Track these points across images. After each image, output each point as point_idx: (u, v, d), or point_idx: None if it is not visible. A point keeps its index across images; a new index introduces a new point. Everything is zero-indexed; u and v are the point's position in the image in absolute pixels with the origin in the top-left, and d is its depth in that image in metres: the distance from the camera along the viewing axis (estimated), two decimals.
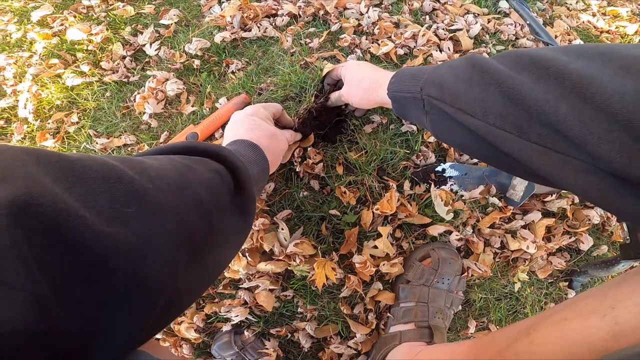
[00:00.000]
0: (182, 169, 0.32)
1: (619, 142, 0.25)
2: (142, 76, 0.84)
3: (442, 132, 0.44)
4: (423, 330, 0.62)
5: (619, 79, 0.26)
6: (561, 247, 0.74)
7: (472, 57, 0.38)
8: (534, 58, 0.32)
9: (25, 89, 0.86)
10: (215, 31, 0.84)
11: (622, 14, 1.10)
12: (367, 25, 0.85)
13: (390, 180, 0.70)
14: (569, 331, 0.32)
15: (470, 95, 0.36)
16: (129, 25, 0.90)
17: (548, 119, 0.29)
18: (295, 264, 0.65)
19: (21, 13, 1.01)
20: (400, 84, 0.48)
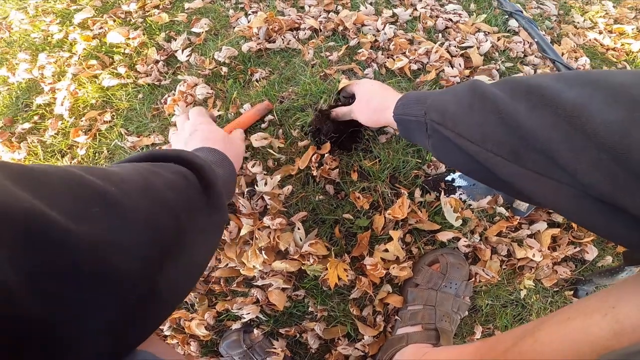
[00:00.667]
0: (145, 173, 0.33)
1: (606, 170, 0.27)
2: (173, 80, 0.89)
3: (443, 155, 0.46)
4: (430, 332, 0.63)
5: (608, 108, 0.27)
6: (566, 257, 0.76)
7: (474, 83, 0.40)
8: (531, 86, 0.33)
9: (64, 87, 0.90)
10: (242, 41, 0.89)
11: (627, 31, 1.13)
12: (383, 41, 0.90)
13: (402, 187, 0.74)
14: (572, 329, 0.33)
15: (470, 121, 0.38)
16: (163, 31, 0.96)
17: (542, 147, 0.31)
18: (308, 263, 0.68)
19: (63, 15, 1.07)
20: (405, 108, 0.50)
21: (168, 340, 0.70)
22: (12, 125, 0.92)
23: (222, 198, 0.42)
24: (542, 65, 0.96)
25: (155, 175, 0.34)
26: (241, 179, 0.72)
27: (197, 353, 0.69)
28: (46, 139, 0.88)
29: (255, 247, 0.67)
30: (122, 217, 0.26)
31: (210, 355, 0.70)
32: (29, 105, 0.94)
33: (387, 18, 0.96)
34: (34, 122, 0.91)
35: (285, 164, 0.74)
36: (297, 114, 0.77)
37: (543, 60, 0.96)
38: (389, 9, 1.00)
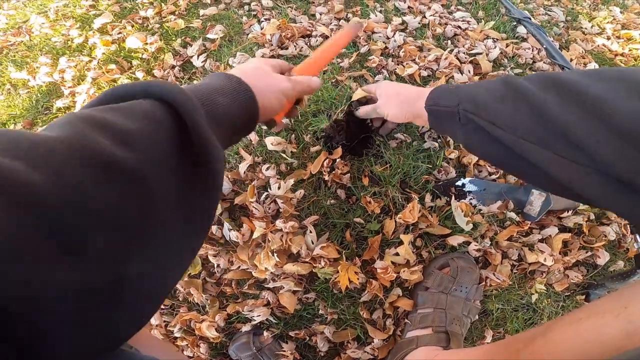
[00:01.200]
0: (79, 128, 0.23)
1: (628, 155, 0.29)
2: None
3: (474, 145, 0.48)
4: (440, 335, 0.63)
5: (629, 100, 0.30)
6: (578, 261, 0.76)
7: (506, 77, 0.43)
8: (560, 80, 0.36)
9: (84, 90, 0.93)
10: (255, 47, 0.92)
11: (635, 36, 1.13)
12: (393, 48, 0.91)
13: (413, 192, 0.75)
14: (584, 330, 0.34)
15: (502, 110, 0.40)
16: (179, 37, 0.99)
17: (570, 136, 0.33)
18: (320, 266, 0.69)
19: (83, 19, 1.11)
20: (437, 99, 0.52)
21: (178, 342, 0.71)
22: (32, 127, 0.95)
23: (207, 141, 0.29)
24: (551, 71, 0.96)
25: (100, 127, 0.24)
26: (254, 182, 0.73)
27: (206, 355, 0.70)
28: None
29: (268, 250, 0.69)
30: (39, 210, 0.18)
31: (220, 357, 0.71)
32: (49, 109, 0.97)
33: (397, 25, 0.98)
34: None
35: (298, 169, 0.76)
36: (310, 119, 0.79)
37: (552, 67, 0.96)
38: (399, 16, 1.01)
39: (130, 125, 0.25)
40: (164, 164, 0.26)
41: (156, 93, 0.29)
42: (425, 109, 0.54)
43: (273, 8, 1.04)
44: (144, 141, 0.25)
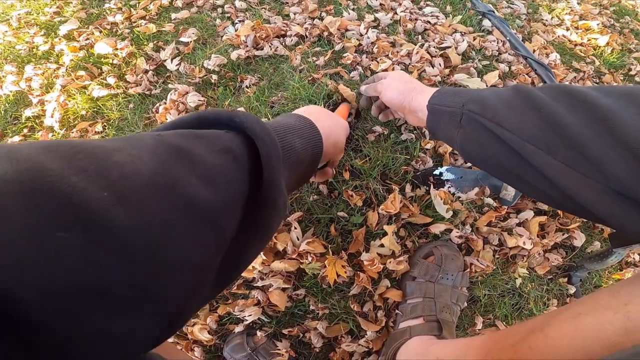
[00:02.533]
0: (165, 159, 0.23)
1: (630, 168, 0.30)
2: (164, 89, 0.90)
3: (472, 147, 0.47)
4: (432, 324, 0.64)
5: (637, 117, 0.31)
6: (557, 244, 0.79)
7: (518, 86, 0.43)
8: (572, 91, 0.37)
9: (53, 98, 0.91)
10: (230, 49, 0.91)
11: (593, 26, 1.20)
12: (367, 44, 0.93)
13: (393, 183, 0.76)
14: (583, 325, 0.34)
15: (510, 114, 0.40)
16: (151, 41, 0.97)
17: (575, 143, 0.34)
18: (307, 262, 0.69)
19: (47, 26, 1.08)
20: (441, 98, 0.51)
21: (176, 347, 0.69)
22: (2, 138, 0.91)
23: (276, 188, 0.30)
24: (516, 62, 1.00)
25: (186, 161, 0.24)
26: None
27: (201, 358, 0.69)
28: None
29: None
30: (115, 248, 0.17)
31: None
32: (18, 118, 0.94)
33: (370, 22, 1.00)
34: (24, 135, 0.91)
35: None
36: None
37: (517, 58, 1.00)
38: (371, 13, 1.03)
39: (213, 161, 0.26)
40: (236, 204, 0.27)
41: (239, 125, 0.30)
42: (426, 107, 0.53)
43: (247, 10, 1.04)
44: (224, 180, 0.26)
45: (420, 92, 0.56)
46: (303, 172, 0.39)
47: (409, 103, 0.58)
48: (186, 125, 0.30)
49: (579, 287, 0.79)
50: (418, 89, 0.58)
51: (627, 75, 1.16)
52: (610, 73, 1.12)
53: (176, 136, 0.26)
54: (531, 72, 0.97)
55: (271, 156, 0.29)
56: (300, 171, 0.38)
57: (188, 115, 0.31)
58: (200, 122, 0.30)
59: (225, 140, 0.28)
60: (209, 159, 0.25)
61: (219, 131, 0.29)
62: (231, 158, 0.27)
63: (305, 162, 0.38)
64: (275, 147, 0.30)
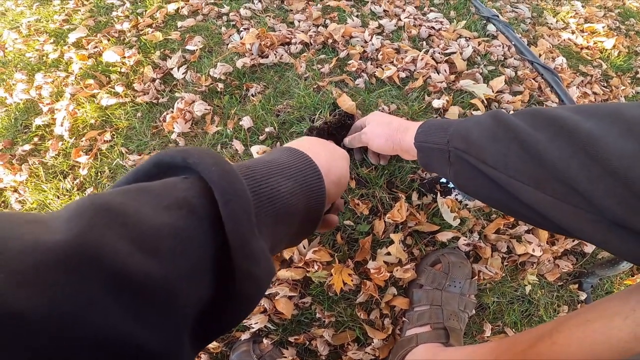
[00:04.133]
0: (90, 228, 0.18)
1: (620, 197, 0.29)
2: (170, 98, 0.90)
3: (465, 184, 0.47)
4: (439, 331, 0.64)
5: (622, 139, 0.30)
6: (567, 250, 0.78)
7: (496, 113, 0.42)
8: (551, 117, 0.36)
9: (63, 107, 0.91)
10: (236, 57, 0.92)
11: (598, 29, 1.18)
12: (372, 51, 0.93)
13: (399, 191, 0.76)
14: (592, 332, 0.34)
15: (493, 149, 0.40)
16: (158, 49, 0.98)
17: (561, 175, 0.33)
18: (313, 270, 0.68)
19: (57, 34, 1.09)
20: (427, 135, 0.50)
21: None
22: (12, 147, 0.92)
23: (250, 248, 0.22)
24: (522, 67, 1.00)
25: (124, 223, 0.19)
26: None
27: None
28: (47, 160, 0.88)
29: None
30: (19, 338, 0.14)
31: None
32: (28, 127, 0.95)
33: (374, 29, 1.00)
34: (34, 144, 0.91)
35: None
36: (294, 126, 0.79)
37: (522, 62, 1.00)
38: (375, 20, 1.04)
39: (159, 220, 0.20)
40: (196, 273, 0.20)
41: (195, 167, 0.23)
42: (414, 145, 0.53)
43: (251, 17, 1.05)
44: (172, 244, 0.20)
45: (405, 130, 0.56)
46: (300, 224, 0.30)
47: (398, 145, 0.58)
48: (145, 174, 0.24)
49: (590, 293, 0.78)
50: (402, 128, 0.57)
51: (634, 78, 1.15)
52: (618, 76, 1.11)
53: (114, 194, 0.21)
54: (538, 77, 0.97)
55: (235, 211, 0.22)
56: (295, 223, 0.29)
57: (147, 161, 0.25)
58: (159, 168, 0.24)
59: (179, 191, 0.22)
60: (151, 220, 0.20)
61: (174, 179, 0.23)
62: (184, 214, 0.21)
63: (300, 210, 0.28)
64: (240, 198, 0.22)
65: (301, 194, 0.28)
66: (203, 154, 0.23)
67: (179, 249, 0.20)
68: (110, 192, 0.21)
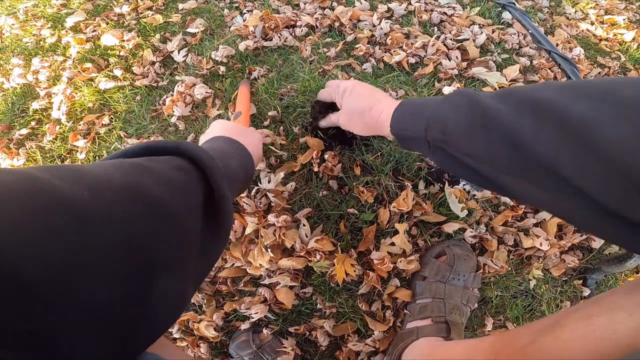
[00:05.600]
0: (130, 170, 0.28)
1: (617, 187, 0.26)
2: (170, 81, 0.88)
3: (450, 169, 0.45)
4: (440, 325, 0.62)
5: (618, 124, 0.26)
6: (574, 245, 0.76)
7: (472, 97, 0.38)
8: (537, 100, 0.32)
9: (60, 91, 0.90)
10: (239, 40, 0.89)
11: (619, 21, 1.14)
12: (380, 36, 0.90)
13: (406, 180, 0.73)
14: (596, 327, 0.33)
15: (473, 139, 0.37)
16: (158, 32, 0.96)
17: (552, 167, 0.30)
18: (315, 260, 0.67)
19: (54, 19, 1.07)
20: (403, 123, 0.48)
21: (177, 343, 0.69)
22: (10, 131, 0.91)
23: (226, 199, 0.35)
24: (537, 56, 0.96)
25: (146, 171, 0.29)
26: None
27: (207, 355, 0.69)
28: (45, 144, 0.87)
29: (261, 246, 0.67)
30: (90, 228, 0.21)
31: (221, 356, 0.70)
32: (26, 111, 0.93)
33: (383, 13, 0.96)
34: (32, 128, 0.90)
35: (288, 161, 0.74)
36: (298, 110, 0.77)
37: (538, 52, 0.96)
38: (384, 4, 1.00)
39: (170, 174, 0.30)
40: (193, 209, 0.31)
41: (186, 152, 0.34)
42: (392, 133, 0.50)
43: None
44: (181, 188, 0.30)
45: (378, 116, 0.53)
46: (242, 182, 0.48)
47: (379, 131, 0.55)
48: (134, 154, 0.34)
49: (594, 289, 0.76)
50: (375, 116, 0.54)
51: None
52: (636, 69, 1.07)
53: (133, 160, 0.31)
54: (554, 67, 0.93)
55: (216, 174, 0.34)
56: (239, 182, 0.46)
57: (136, 145, 0.35)
58: (148, 151, 0.34)
59: (175, 161, 0.33)
60: (166, 172, 0.30)
61: (169, 156, 0.34)
62: (183, 174, 0.32)
63: (241, 176, 0.46)
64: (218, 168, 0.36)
65: (241, 167, 0.46)
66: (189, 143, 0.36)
67: (183, 192, 0.30)
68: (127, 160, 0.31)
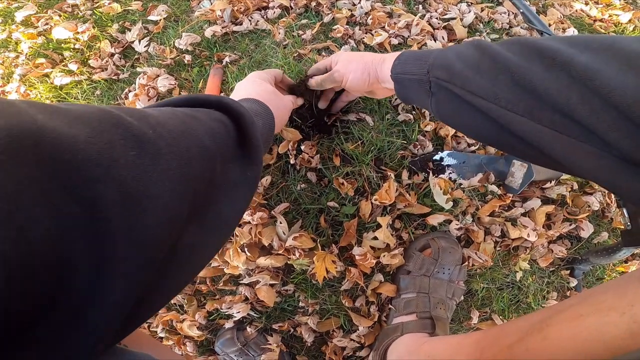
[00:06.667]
0: (184, 118, 0.31)
1: (625, 129, 0.27)
2: (132, 73, 0.83)
3: (448, 114, 0.44)
4: (425, 321, 0.61)
5: (622, 74, 0.27)
6: (562, 235, 0.74)
7: (480, 43, 0.39)
8: (542, 48, 0.33)
9: (14, 89, 0.85)
10: (206, 25, 0.83)
11: (614, 2, 1.10)
12: (360, 15, 0.84)
13: (388, 169, 0.70)
14: (585, 327, 0.32)
15: (480, 80, 0.36)
16: (116, 22, 0.90)
17: (560, 107, 0.30)
18: (294, 257, 0.64)
19: (4, 14, 1.00)
20: (404, 66, 0.47)
21: (164, 342, 0.69)
22: None
23: (259, 151, 0.39)
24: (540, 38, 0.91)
25: (195, 120, 0.32)
26: None
27: (194, 353, 0.69)
28: None
29: (237, 245, 0.64)
30: (157, 163, 0.24)
31: (208, 354, 0.69)
32: None
33: None
34: None
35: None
36: None
37: (529, 32, 0.92)
38: None
39: (212, 125, 0.34)
40: (228, 157, 0.34)
41: (227, 107, 0.37)
42: (391, 78, 0.49)
43: None
44: (220, 137, 0.34)
45: (381, 62, 0.52)
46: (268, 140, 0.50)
47: (375, 78, 0.54)
48: (181, 104, 0.36)
49: (581, 280, 0.75)
50: (377, 60, 0.53)
51: None
52: None
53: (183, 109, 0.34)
54: None
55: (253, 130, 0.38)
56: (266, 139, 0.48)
57: (182, 96, 0.38)
58: (193, 103, 0.37)
59: (216, 114, 0.36)
60: (209, 123, 0.33)
61: (211, 110, 0.36)
62: (223, 126, 0.35)
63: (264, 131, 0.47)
64: (254, 122, 0.39)
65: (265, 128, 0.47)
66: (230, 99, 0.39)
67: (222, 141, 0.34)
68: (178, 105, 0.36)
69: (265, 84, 0.56)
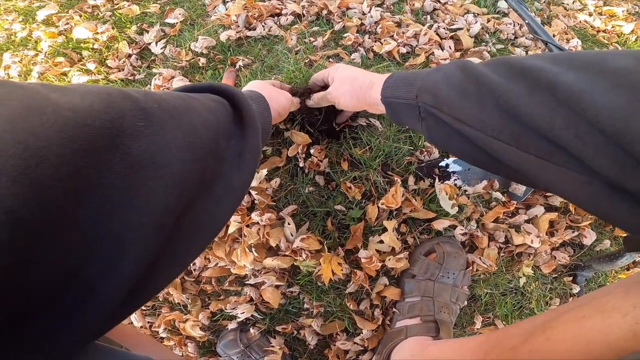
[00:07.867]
0: (184, 97, 0.32)
1: (613, 155, 0.26)
2: (148, 74, 0.85)
3: (439, 139, 0.43)
4: (429, 324, 0.61)
5: (609, 93, 0.26)
6: (565, 242, 0.75)
7: (465, 64, 0.38)
8: (526, 68, 0.32)
9: None
10: (220, 30, 0.85)
11: (618, 13, 1.12)
12: (370, 24, 0.86)
13: (395, 175, 0.71)
14: (588, 329, 0.32)
15: (465, 105, 0.36)
16: (134, 24, 0.92)
17: (545, 133, 0.29)
18: (301, 259, 0.65)
19: (26, 12, 1.02)
20: (394, 90, 0.47)
21: (165, 342, 0.69)
22: None
23: (255, 121, 0.41)
24: (533, 47, 0.93)
25: (195, 99, 0.34)
26: None
27: (195, 354, 0.68)
28: None
29: (245, 245, 0.65)
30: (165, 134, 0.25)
31: (209, 355, 0.69)
32: None
33: (373, 0, 0.92)
34: None
35: (272, 156, 0.71)
36: None
37: (534, 42, 0.94)
38: None
39: (212, 105, 0.35)
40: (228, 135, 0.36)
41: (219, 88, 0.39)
42: (381, 101, 0.49)
43: None
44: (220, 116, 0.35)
45: (369, 87, 0.53)
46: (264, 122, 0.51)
47: (364, 102, 0.54)
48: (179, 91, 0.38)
49: (584, 287, 0.75)
50: (367, 83, 0.53)
51: None
52: None
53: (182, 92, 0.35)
54: None
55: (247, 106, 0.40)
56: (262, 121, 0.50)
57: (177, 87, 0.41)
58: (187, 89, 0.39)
59: (212, 96, 0.38)
60: (207, 102, 0.35)
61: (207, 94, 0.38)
62: (220, 104, 0.37)
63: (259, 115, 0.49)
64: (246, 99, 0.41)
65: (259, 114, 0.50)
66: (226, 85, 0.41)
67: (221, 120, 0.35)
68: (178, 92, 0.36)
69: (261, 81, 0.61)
